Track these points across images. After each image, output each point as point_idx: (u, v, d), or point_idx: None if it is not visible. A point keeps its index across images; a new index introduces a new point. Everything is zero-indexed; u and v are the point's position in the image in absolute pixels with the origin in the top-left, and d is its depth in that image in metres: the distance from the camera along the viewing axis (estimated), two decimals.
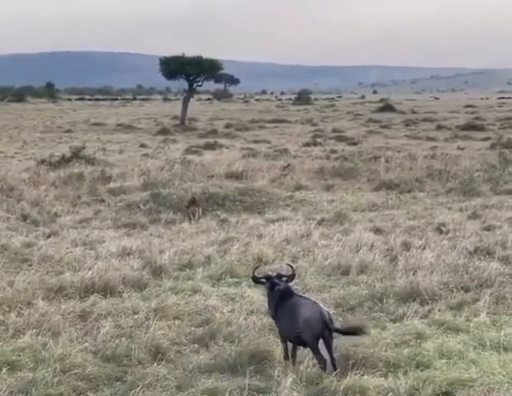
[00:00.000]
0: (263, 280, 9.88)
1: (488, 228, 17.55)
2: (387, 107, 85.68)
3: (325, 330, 8.89)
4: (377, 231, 17.38)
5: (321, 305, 9.20)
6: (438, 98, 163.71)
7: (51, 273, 13.71)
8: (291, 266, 10.27)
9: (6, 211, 20.39)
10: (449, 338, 10.12)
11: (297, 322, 8.99)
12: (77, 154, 31.11)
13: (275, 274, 10.01)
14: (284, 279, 9.76)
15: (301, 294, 9.97)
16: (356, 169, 28.08)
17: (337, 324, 9.52)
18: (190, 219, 19.03)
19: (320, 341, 8.95)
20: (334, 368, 8.82)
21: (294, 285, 10.12)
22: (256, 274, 10.03)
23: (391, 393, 8.42)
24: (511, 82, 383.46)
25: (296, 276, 10.66)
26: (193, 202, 19.62)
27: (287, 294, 9.45)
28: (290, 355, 9.32)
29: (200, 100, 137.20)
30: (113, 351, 9.76)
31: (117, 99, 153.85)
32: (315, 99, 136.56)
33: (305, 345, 9.12)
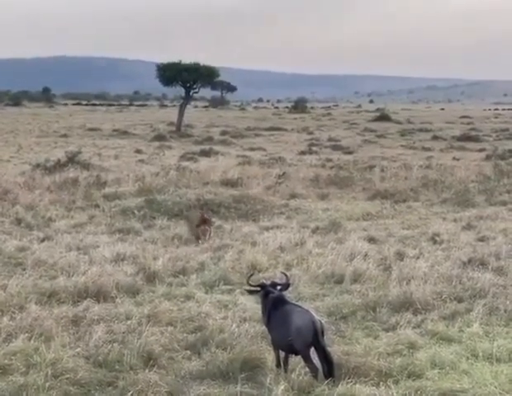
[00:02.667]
0: (257, 288, 9.85)
1: (482, 239, 17.56)
2: (383, 117, 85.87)
3: (317, 339, 8.87)
4: (371, 240, 17.38)
5: (313, 313, 9.18)
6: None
7: (44, 277, 13.71)
8: (285, 275, 10.24)
9: (0, 215, 20.36)
10: (442, 348, 10.11)
11: (289, 331, 8.96)
12: (72, 159, 31.13)
13: (269, 282, 9.99)
14: (278, 287, 9.73)
15: (293, 302, 9.94)
16: (351, 178, 28.10)
17: (330, 333, 9.49)
18: (200, 239, 17.47)
19: (312, 350, 8.93)
20: (326, 377, 8.80)
21: (287, 293, 10.09)
22: (250, 282, 9.97)
23: None
24: (507, 93, 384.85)
25: (290, 285, 10.63)
26: (204, 221, 18.01)
27: (280, 302, 9.42)
28: (282, 363, 9.30)
29: (196, 107, 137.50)
30: (105, 356, 9.74)
31: (114, 105, 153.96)
32: (312, 107, 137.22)
33: (296, 353, 9.11)
